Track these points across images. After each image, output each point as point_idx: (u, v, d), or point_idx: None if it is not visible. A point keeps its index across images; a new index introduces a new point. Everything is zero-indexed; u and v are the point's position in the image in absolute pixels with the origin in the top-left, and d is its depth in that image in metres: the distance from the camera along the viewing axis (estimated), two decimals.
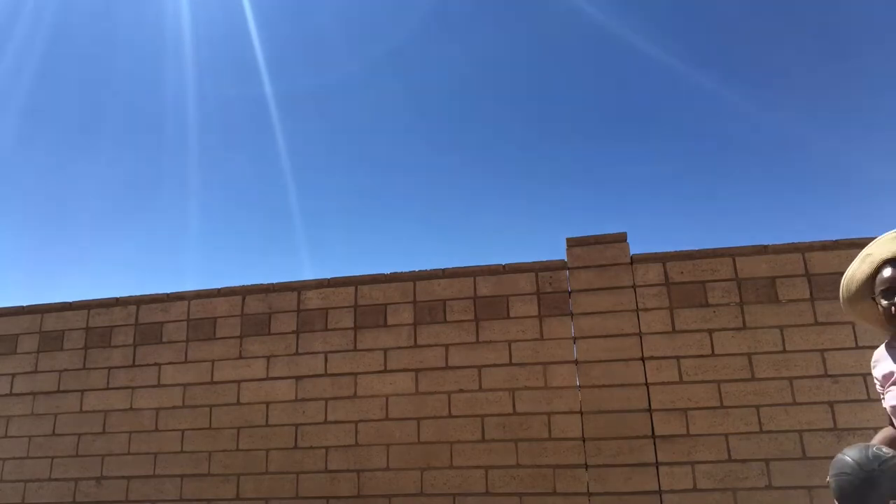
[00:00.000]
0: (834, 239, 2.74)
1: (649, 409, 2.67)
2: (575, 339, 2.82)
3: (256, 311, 3.22)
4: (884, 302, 1.58)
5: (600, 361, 2.76)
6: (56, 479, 3.23)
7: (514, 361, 2.84)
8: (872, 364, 1.70)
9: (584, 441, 2.69)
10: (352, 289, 3.15)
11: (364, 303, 3.11)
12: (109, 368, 3.31)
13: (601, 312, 2.82)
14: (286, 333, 3.15)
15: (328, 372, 3.05)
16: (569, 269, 2.92)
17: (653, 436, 2.63)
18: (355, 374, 3.01)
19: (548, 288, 2.91)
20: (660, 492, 2.57)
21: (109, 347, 3.34)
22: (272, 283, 3.25)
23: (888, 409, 1.61)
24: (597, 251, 2.90)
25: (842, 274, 2.67)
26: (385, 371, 2.98)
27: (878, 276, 1.62)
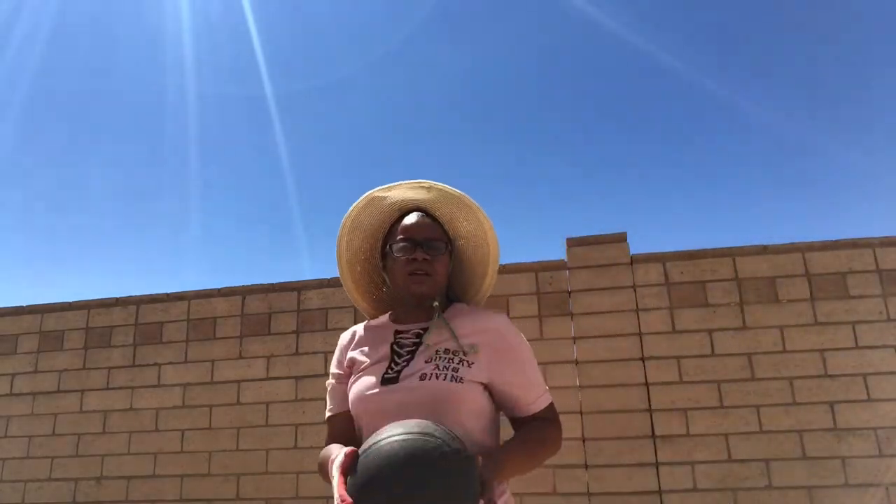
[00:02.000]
0: (834, 239, 2.74)
1: (649, 409, 2.67)
2: (575, 339, 2.82)
3: (256, 311, 3.22)
4: (400, 257, 1.26)
5: (600, 361, 2.76)
6: (56, 479, 3.23)
7: None
8: (340, 346, 1.37)
9: (584, 441, 2.69)
10: None
11: None
12: (109, 368, 3.31)
13: (601, 312, 2.81)
14: (286, 333, 3.15)
15: (329, 372, 3.05)
16: (569, 269, 2.92)
17: (653, 436, 2.63)
18: None
19: (548, 288, 2.91)
20: (660, 492, 2.57)
21: (109, 347, 3.34)
22: (272, 283, 3.25)
23: (351, 399, 1.23)
24: (597, 251, 2.90)
25: (842, 274, 2.68)
26: None
27: (400, 225, 1.30)
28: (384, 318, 1.37)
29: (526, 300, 2.91)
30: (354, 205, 1.34)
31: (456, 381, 1.15)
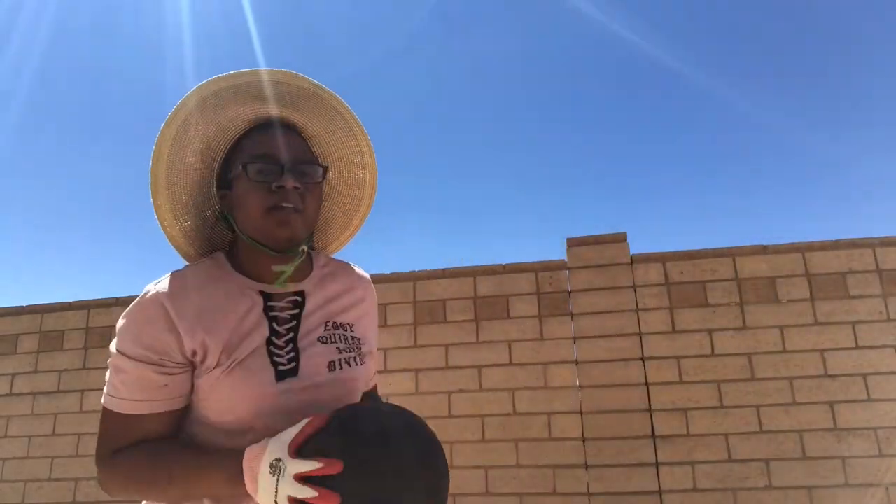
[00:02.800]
0: (834, 239, 2.74)
1: (649, 409, 2.67)
2: (575, 339, 2.82)
3: None
4: (260, 183, 0.87)
5: (600, 361, 2.76)
6: (56, 479, 3.23)
7: (514, 361, 2.84)
8: (163, 316, 0.84)
9: (584, 441, 2.69)
10: None
11: None
12: None
13: (601, 312, 2.82)
14: None
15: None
16: (569, 269, 2.92)
17: (653, 436, 2.64)
18: None
19: (548, 288, 2.91)
20: (660, 492, 2.57)
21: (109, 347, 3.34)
22: None
23: (234, 399, 0.85)
24: (597, 251, 2.90)
25: (842, 274, 2.69)
26: (385, 371, 2.98)
27: (257, 138, 0.92)
28: (220, 268, 0.91)
29: (526, 300, 2.92)
30: (181, 103, 0.90)
31: (360, 364, 0.95)
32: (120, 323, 0.87)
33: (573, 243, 2.94)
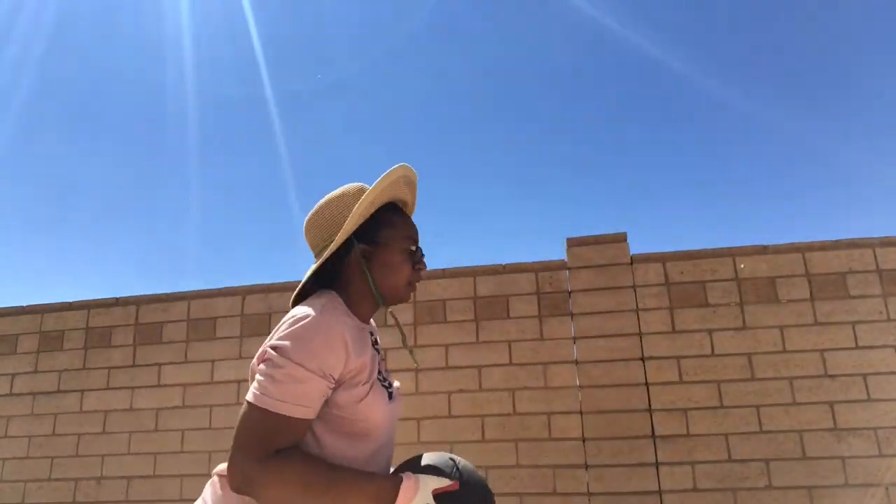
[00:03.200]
0: (834, 239, 2.74)
1: (649, 409, 2.67)
2: (575, 339, 2.82)
3: (256, 311, 3.22)
4: (413, 260, 1.19)
5: (600, 361, 2.76)
6: (56, 479, 3.23)
7: (514, 361, 2.84)
8: (342, 345, 1.06)
9: (584, 441, 2.69)
10: None
11: None
12: (109, 368, 3.31)
13: (601, 312, 2.82)
14: None
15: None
16: (569, 269, 2.92)
17: (653, 436, 2.63)
18: None
19: (548, 288, 2.91)
20: (660, 492, 2.57)
21: (109, 347, 3.34)
22: (272, 283, 3.25)
23: (372, 409, 1.09)
24: (597, 251, 2.90)
25: (842, 274, 2.69)
26: None
27: (411, 226, 1.22)
28: (346, 311, 1.16)
29: (526, 300, 2.91)
30: (392, 176, 1.15)
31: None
32: (297, 341, 1.05)
33: (573, 243, 2.94)
